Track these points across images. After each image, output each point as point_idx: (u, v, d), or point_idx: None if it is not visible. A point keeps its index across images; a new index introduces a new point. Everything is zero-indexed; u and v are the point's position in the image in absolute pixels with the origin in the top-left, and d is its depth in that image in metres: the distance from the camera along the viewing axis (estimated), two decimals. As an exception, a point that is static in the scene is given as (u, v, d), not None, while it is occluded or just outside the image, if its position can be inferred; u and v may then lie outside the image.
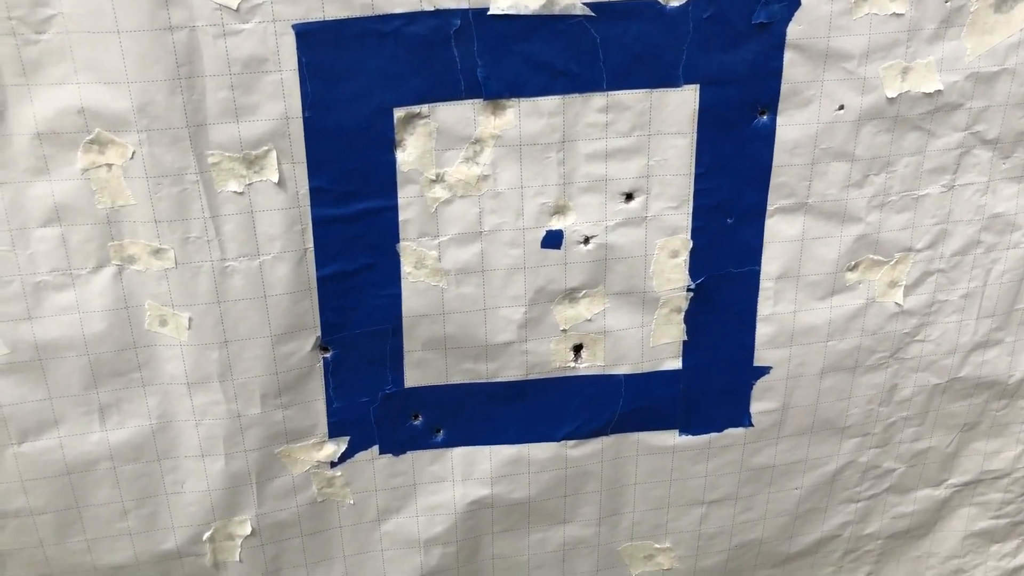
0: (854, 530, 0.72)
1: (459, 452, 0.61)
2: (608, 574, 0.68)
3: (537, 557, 0.66)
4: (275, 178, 0.50)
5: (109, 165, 0.48)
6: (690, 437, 0.63)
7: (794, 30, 0.52)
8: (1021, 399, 0.69)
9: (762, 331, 0.60)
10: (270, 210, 0.51)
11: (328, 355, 0.56)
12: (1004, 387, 0.67)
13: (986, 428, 0.70)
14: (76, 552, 0.58)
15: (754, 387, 0.62)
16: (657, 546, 0.68)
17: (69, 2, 0.44)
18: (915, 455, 0.69)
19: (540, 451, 0.61)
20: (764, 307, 0.60)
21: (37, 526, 0.56)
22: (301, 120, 0.49)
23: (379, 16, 0.48)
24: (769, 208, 0.57)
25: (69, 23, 0.45)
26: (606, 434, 0.62)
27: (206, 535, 0.59)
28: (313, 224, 0.52)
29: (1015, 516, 0.75)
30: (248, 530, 0.59)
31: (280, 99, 0.49)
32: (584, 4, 0.49)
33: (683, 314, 0.59)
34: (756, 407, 0.63)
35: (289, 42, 0.47)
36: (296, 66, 0.48)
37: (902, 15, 0.53)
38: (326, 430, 0.58)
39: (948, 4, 0.53)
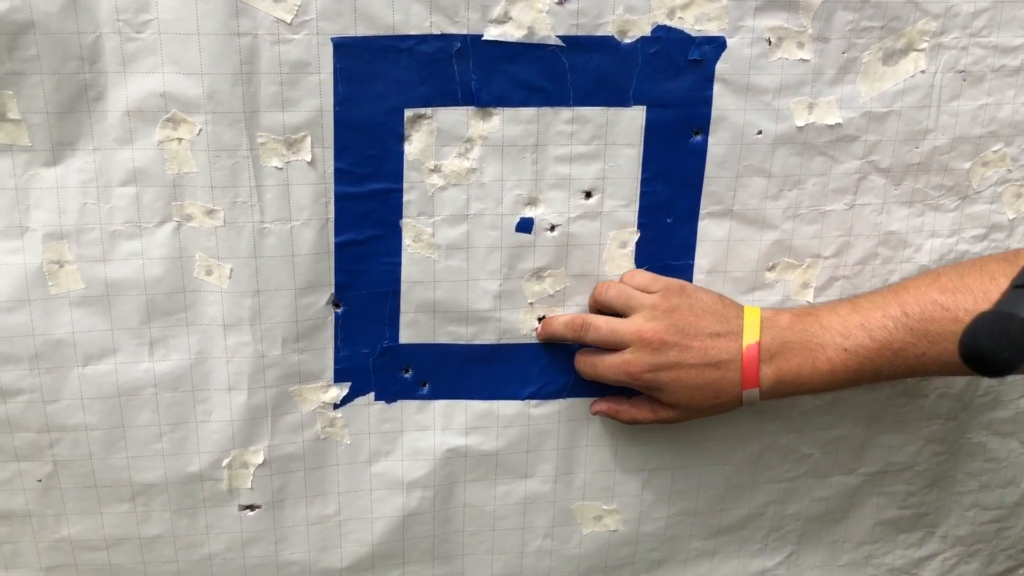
0: (778, 509, 0.83)
1: (440, 404, 0.73)
2: (562, 530, 0.78)
3: (502, 508, 0.76)
4: (308, 158, 0.63)
5: (179, 139, 0.61)
6: (634, 407, 0.75)
7: (722, 67, 0.66)
8: (919, 397, 0.80)
9: (695, 317, 0.73)
10: (302, 184, 0.64)
11: (339, 310, 0.68)
12: (904, 385, 0.79)
13: (890, 422, 0.81)
14: (117, 468, 0.68)
15: (689, 366, 0.74)
16: (605, 507, 0.79)
17: (164, 9, 0.58)
18: (829, 443, 0.81)
19: (507, 408, 0.73)
20: (697, 296, 0.72)
21: (89, 440, 0.67)
22: (332, 113, 0.62)
23: (398, 36, 0.61)
24: (701, 212, 0.69)
25: (162, 26, 0.58)
26: (562, 397, 0.73)
27: (225, 461, 0.70)
28: (335, 199, 0.65)
29: (918, 508, 0.85)
30: (260, 459, 0.70)
31: (317, 96, 0.62)
32: (557, 36, 0.63)
33: (630, 298, 0.71)
34: (690, 384, 0.75)
35: (328, 51, 0.61)
36: (332, 70, 0.61)
37: (808, 61, 0.66)
38: (332, 375, 0.70)
39: (845, 55, 0.67)
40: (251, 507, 0.71)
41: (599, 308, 0.69)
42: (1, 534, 0.69)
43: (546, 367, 0.72)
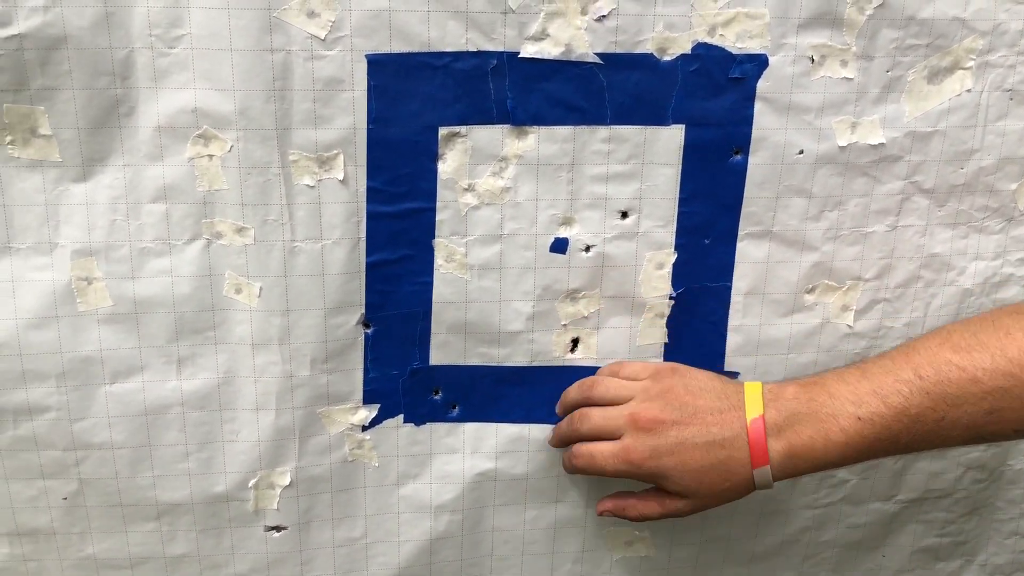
0: (812, 536, 0.81)
1: (470, 427, 0.71)
2: (592, 555, 0.77)
3: (531, 533, 0.75)
4: (341, 176, 0.62)
5: (210, 156, 0.61)
6: (668, 431, 0.73)
7: (763, 85, 0.64)
8: (960, 424, 0.78)
9: (732, 340, 0.71)
10: (334, 203, 0.63)
11: (369, 331, 0.67)
12: (944, 411, 0.77)
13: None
14: (143, 486, 0.67)
15: (724, 390, 0.72)
16: (637, 533, 0.77)
17: (197, 24, 0.57)
18: (866, 468, 0.79)
19: (539, 432, 0.72)
20: (734, 318, 0.70)
21: (115, 459, 0.66)
22: (365, 131, 0.61)
23: (433, 52, 0.60)
24: (740, 233, 0.68)
25: (195, 41, 0.57)
26: (596, 421, 0.72)
27: (251, 482, 0.69)
28: (367, 218, 0.64)
29: (957, 536, 0.83)
30: (287, 481, 0.69)
31: (351, 113, 0.61)
32: (595, 54, 0.62)
33: (665, 319, 0.70)
34: (726, 408, 0.73)
35: (362, 68, 0.60)
36: (365, 88, 0.60)
37: (851, 79, 0.65)
38: (361, 396, 0.68)
39: (889, 73, 0.65)
40: (277, 528, 0.70)
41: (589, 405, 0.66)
42: (26, 552, 0.69)
43: (579, 390, 0.70)
